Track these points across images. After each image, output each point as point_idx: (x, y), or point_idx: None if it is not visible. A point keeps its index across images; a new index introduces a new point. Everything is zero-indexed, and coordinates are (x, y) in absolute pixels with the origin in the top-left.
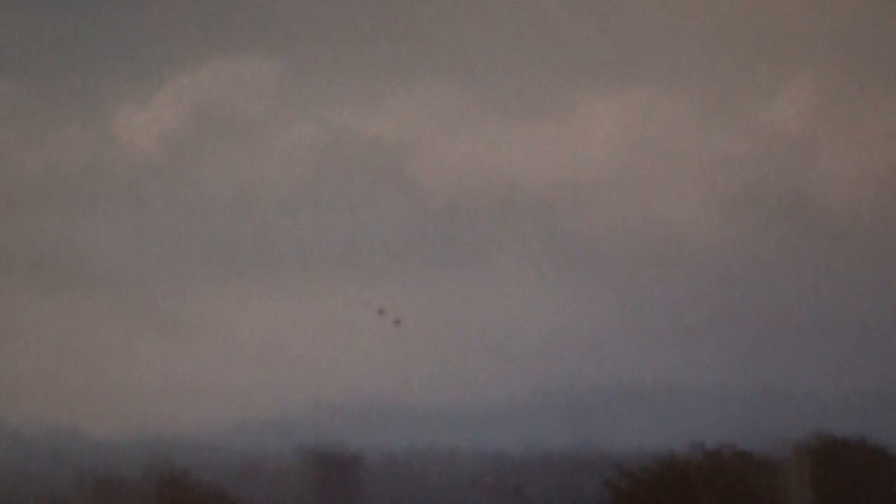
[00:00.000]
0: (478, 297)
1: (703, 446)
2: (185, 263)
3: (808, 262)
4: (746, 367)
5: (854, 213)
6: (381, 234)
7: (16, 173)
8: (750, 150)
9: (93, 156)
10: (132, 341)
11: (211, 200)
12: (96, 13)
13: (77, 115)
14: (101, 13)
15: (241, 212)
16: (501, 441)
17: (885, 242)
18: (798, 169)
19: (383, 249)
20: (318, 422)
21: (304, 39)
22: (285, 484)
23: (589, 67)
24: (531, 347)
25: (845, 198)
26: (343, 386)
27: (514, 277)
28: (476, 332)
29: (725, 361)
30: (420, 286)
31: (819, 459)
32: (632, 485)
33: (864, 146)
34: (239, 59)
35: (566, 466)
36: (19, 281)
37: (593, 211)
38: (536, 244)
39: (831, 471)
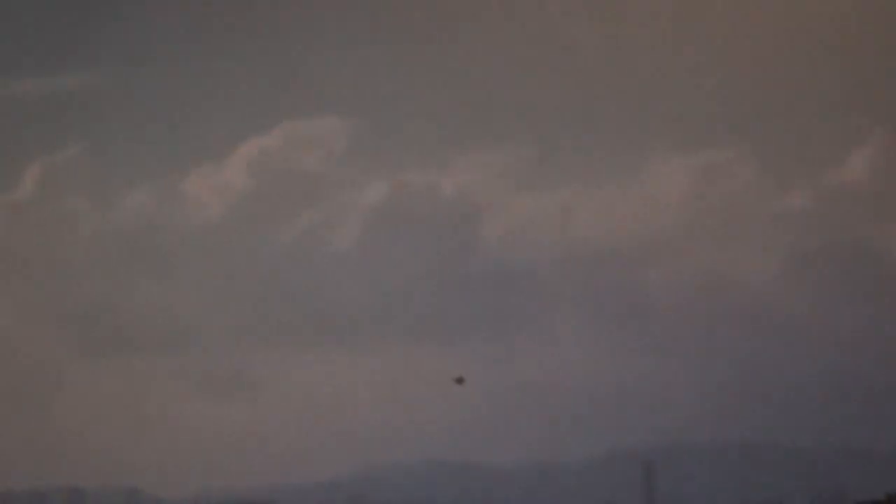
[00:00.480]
0: (545, 356)
1: None
2: (251, 325)
3: (883, 318)
4: (823, 426)
5: None
6: (449, 295)
7: (86, 237)
8: (821, 207)
9: (162, 219)
10: (199, 403)
11: (280, 262)
12: (170, 78)
13: (148, 178)
14: (174, 78)
15: (309, 274)
16: (569, 499)
17: None
18: (869, 225)
19: (450, 310)
20: (382, 480)
21: (376, 101)
22: None
23: (659, 128)
24: (601, 406)
25: None
26: (409, 445)
27: (583, 336)
28: (544, 393)
29: (803, 420)
30: (487, 346)
31: None
32: None
33: None
34: (310, 121)
35: None
36: (86, 343)
37: (663, 270)
38: (606, 303)
39: None
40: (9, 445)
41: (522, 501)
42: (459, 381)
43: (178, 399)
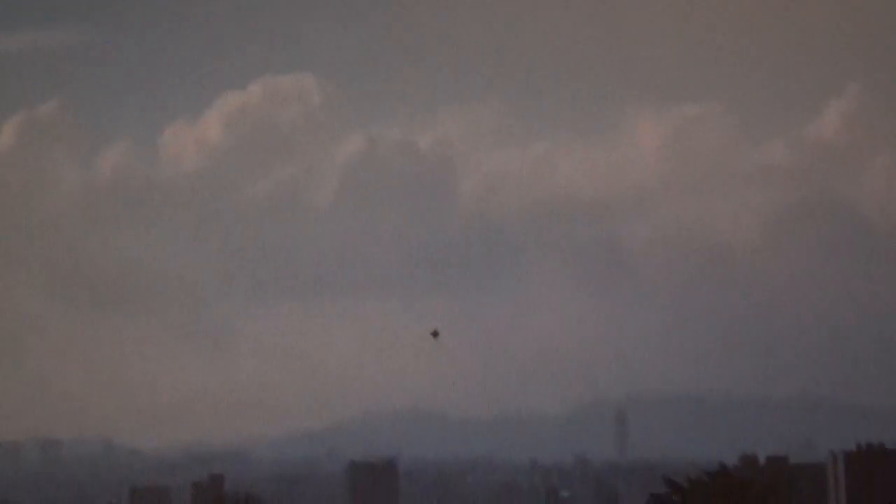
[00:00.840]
0: (522, 307)
1: (754, 458)
2: (230, 280)
3: (854, 272)
4: (796, 378)
5: None
6: (427, 247)
7: (64, 191)
8: (796, 161)
9: (140, 173)
10: (176, 355)
11: (257, 217)
12: (146, 35)
13: (125, 133)
14: (150, 35)
15: (286, 228)
16: (541, 450)
17: None
18: (844, 180)
19: (428, 262)
20: (356, 431)
21: (352, 58)
22: (322, 490)
23: (635, 83)
24: (575, 358)
25: (891, 209)
26: (383, 397)
27: (559, 288)
28: (520, 344)
29: (776, 371)
30: (465, 298)
31: (857, 467)
32: (679, 497)
33: None
34: (286, 76)
35: (606, 475)
36: (65, 296)
37: (638, 223)
38: (581, 255)
39: (869, 478)
40: None
41: (497, 452)
42: (434, 334)
43: (154, 351)
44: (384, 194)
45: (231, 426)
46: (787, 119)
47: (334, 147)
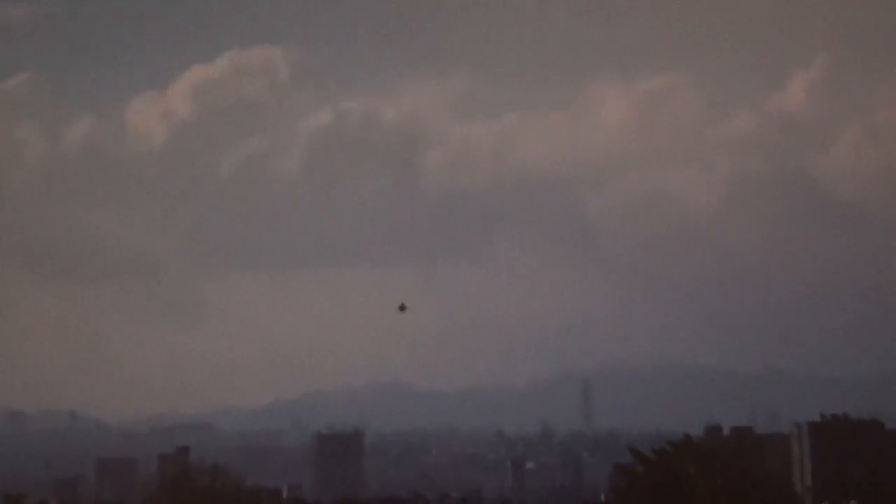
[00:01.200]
0: (489, 281)
1: (719, 429)
2: (195, 252)
3: (820, 243)
4: (760, 349)
5: (865, 197)
6: (394, 221)
7: (31, 164)
8: (761, 133)
9: (107, 146)
10: (143, 328)
11: (223, 189)
12: (113, 9)
13: (92, 106)
14: (117, 9)
15: (252, 200)
16: (507, 421)
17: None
18: (809, 153)
19: (394, 234)
20: (322, 403)
21: (319, 31)
22: (288, 461)
23: (600, 56)
24: (541, 330)
25: (856, 182)
26: (349, 369)
27: (525, 260)
28: (486, 316)
29: (738, 344)
30: (431, 271)
31: (821, 437)
32: (644, 468)
33: (876, 132)
34: (254, 50)
35: (572, 446)
36: (31, 269)
37: (604, 195)
38: (547, 227)
39: (833, 448)
40: None
41: (463, 424)
42: (402, 308)
43: (121, 323)
44: (351, 166)
45: (197, 398)
46: (753, 91)
47: (302, 119)
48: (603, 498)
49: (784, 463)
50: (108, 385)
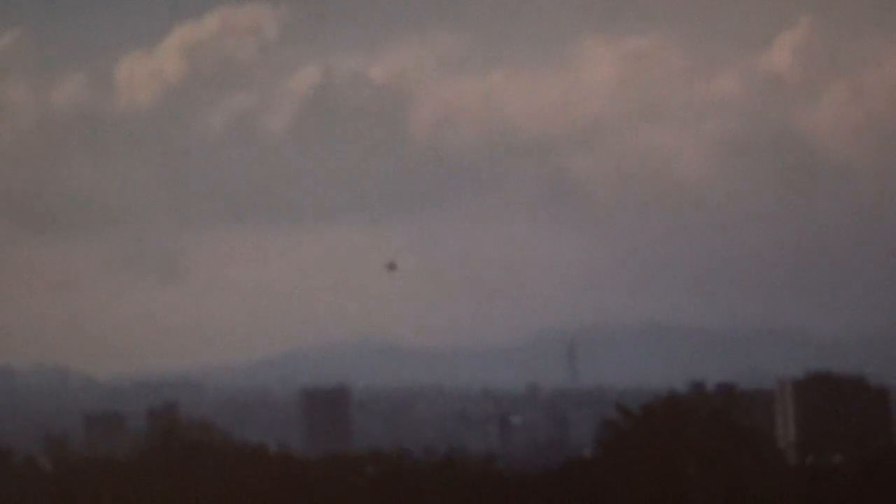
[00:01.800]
0: (475, 239)
1: (703, 386)
2: (183, 208)
3: (804, 203)
4: (744, 307)
5: (850, 156)
6: (381, 178)
7: (19, 120)
8: (747, 93)
9: (96, 104)
10: (131, 283)
11: (211, 146)
12: None
13: (81, 64)
14: None
15: (240, 157)
16: (493, 379)
17: (880, 186)
18: (795, 112)
19: (381, 192)
20: (309, 360)
21: None
22: (275, 417)
23: (587, 15)
24: (527, 287)
25: (841, 141)
26: (337, 326)
27: (512, 219)
28: (473, 273)
29: (724, 301)
30: (419, 228)
31: (805, 394)
32: (632, 423)
33: (861, 92)
34: (242, 8)
35: (557, 402)
36: (19, 224)
37: (590, 154)
38: (534, 187)
39: (816, 404)
40: None
41: (449, 381)
42: (391, 267)
43: (110, 280)
44: (339, 125)
45: (185, 354)
46: (739, 51)
47: (290, 78)
48: (588, 453)
49: (768, 419)
50: (96, 341)
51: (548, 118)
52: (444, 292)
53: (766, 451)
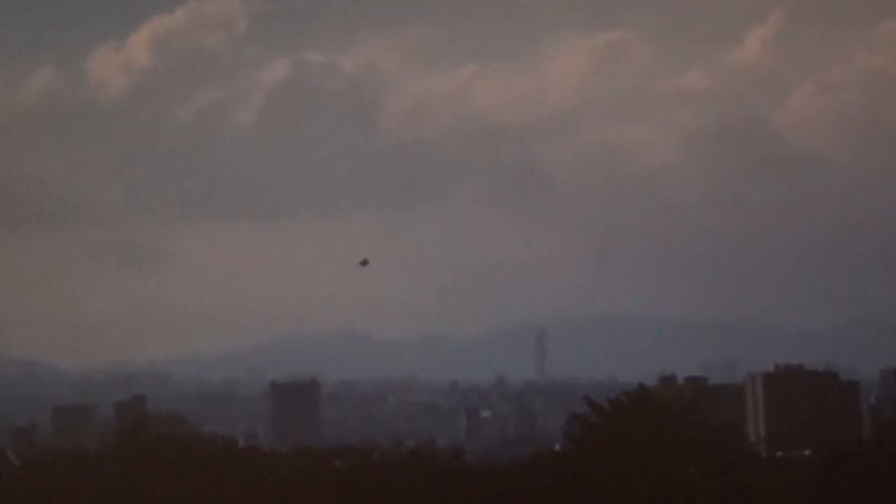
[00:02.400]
0: (445, 230)
1: (673, 379)
2: (153, 200)
3: (773, 196)
4: (714, 299)
5: (820, 150)
6: (352, 171)
7: None
8: (717, 86)
9: (67, 96)
10: (100, 275)
11: (181, 139)
12: None
13: (53, 56)
14: None
15: (210, 150)
16: (462, 372)
17: (849, 179)
18: (764, 106)
19: (352, 184)
20: (279, 352)
21: None
22: (244, 409)
23: (557, 9)
24: (496, 280)
25: (811, 135)
26: (306, 318)
27: (482, 211)
28: (442, 265)
29: (695, 294)
30: (388, 220)
31: (775, 388)
32: (600, 417)
33: (830, 86)
34: (213, 1)
35: (526, 395)
36: None
37: (560, 146)
38: (504, 178)
39: (786, 398)
40: None
41: (418, 373)
42: (364, 263)
43: (78, 271)
44: (310, 117)
45: (153, 346)
46: (710, 45)
47: (260, 70)
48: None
49: (738, 413)
50: (65, 332)
51: (518, 111)
52: (413, 284)
53: (736, 444)
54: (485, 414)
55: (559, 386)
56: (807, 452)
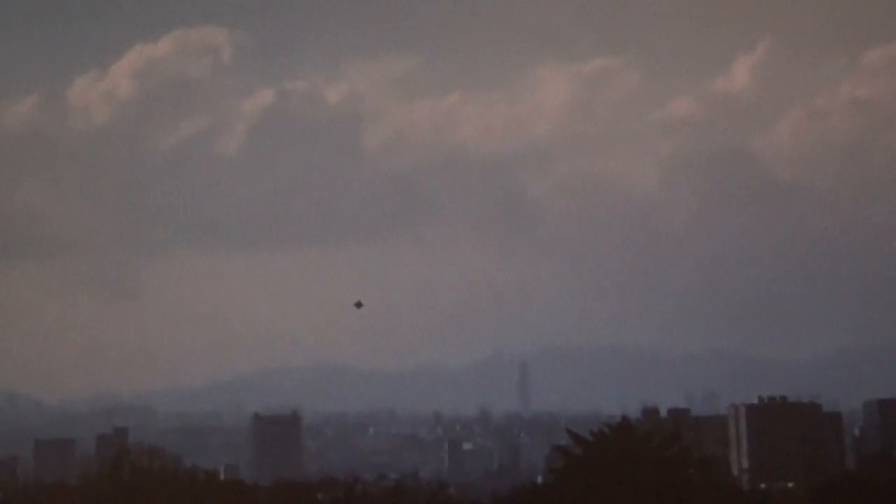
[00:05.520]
0: (429, 261)
1: (656, 412)
2: (135, 231)
3: (759, 226)
4: (696, 331)
5: (806, 178)
6: (336, 201)
7: None
8: (702, 115)
9: (49, 125)
10: (82, 307)
11: (165, 169)
12: None
13: (35, 85)
14: None
15: (194, 180)
16: (444, 403)
17: (836, 208)
18: (751, 135)
19: (334, 215)
20: (261, 383)
21: (262, 11)
22: (226, 442)
23: (541, 38)
24: (479, 311)
25: (797, 164)
26: (287, 350)
27: (465, 241)
28: (426, 296)
29: (678, 325)
30: (371, 251)
31: (758, 420)
32: (583, 449)
33: (817, 115)
34: (197, 29)
35: (508, 427)
36: None
37: (544, 176)
38: (487, 208)
39: (769, 430)
40: None
41: (400, 405)
42: (358, 305)
43: (60, 302)
44: (293, 147)
45: (135, 379)
46: (696, 74)
47: (244, 100)
48: (540, 479)
49: (721, 445)
50: (46, 365)
51: (502, 141)
52: (396, 315)
53: (719, 477)
54: (468, 446)
55: (542, 418)
56: (790, 485)
